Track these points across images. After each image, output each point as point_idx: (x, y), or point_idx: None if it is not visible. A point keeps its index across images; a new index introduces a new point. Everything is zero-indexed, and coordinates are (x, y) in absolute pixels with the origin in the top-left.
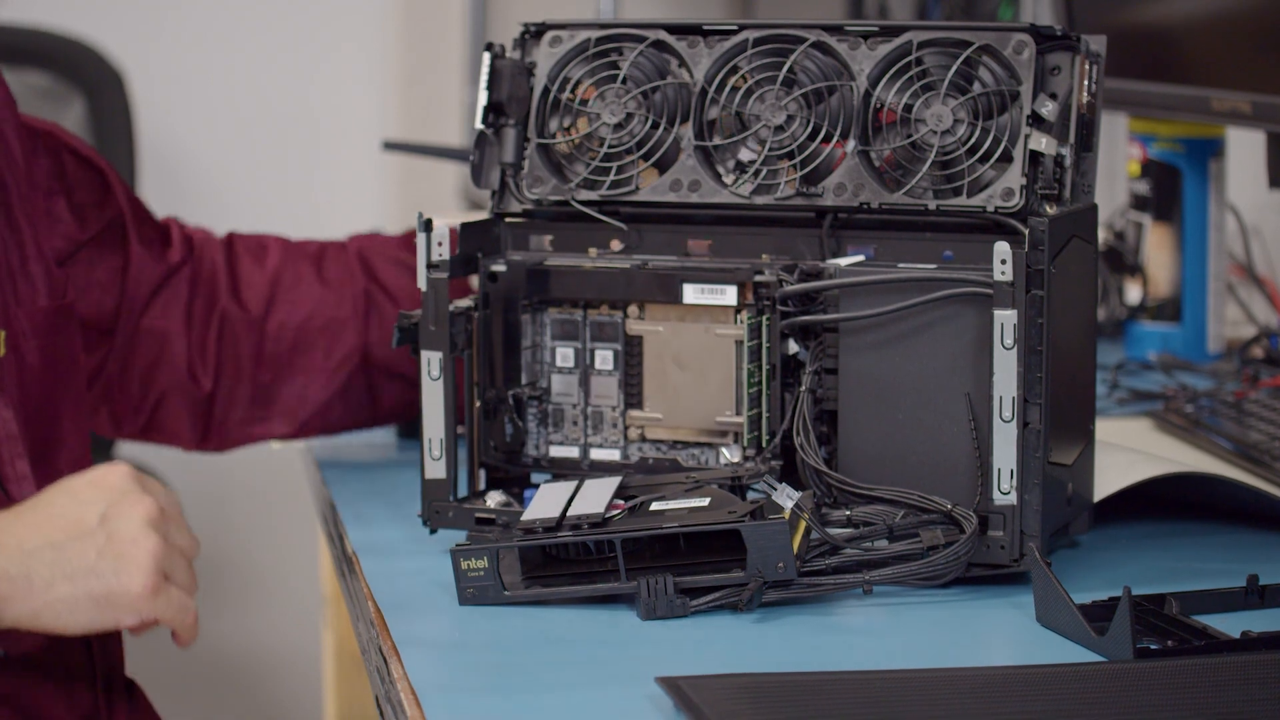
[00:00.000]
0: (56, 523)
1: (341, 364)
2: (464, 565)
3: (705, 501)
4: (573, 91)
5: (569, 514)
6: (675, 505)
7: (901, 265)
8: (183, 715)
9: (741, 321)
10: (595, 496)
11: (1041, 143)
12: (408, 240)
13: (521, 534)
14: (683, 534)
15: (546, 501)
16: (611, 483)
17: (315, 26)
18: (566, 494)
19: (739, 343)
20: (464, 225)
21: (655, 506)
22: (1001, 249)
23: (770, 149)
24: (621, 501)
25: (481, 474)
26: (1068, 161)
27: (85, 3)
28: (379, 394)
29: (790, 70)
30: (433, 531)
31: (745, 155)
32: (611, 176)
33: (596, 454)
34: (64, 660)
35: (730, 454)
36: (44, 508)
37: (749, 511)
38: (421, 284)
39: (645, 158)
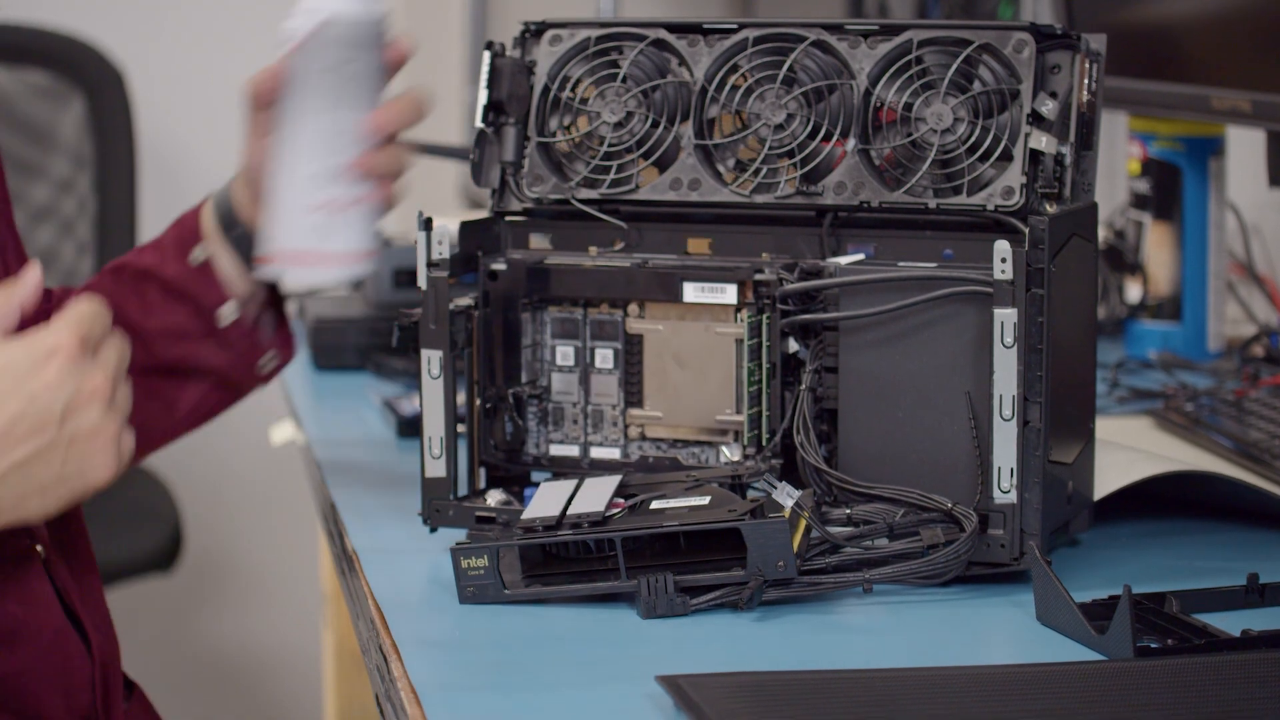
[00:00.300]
0: (18, 436)
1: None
2: (464, 564)
3: (705, 500)
4: (573, 90)
5: (569, 513)
6: (675, 504)
7: (902, 264)
8: (183, 714)
9: (742, 320)
10: (595, 495)
11: (1042, 141)
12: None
13: (522, 533)
14: (683, 532)
15: (546, 500)
16: (611, 481)
17: None
18: (566, 493)
19: (739, 341)
20: (464, 224)
21: (655, 505)
22: (1002, 248)
23: (770, 148)
24: (621, 500)
25: (482, 472)
26: (1068, 160)
27: (86, 2)
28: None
29: (790, 69)
30: (433, 530)
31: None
32: (612, 175)
33: (597, 452)
34: (62, 661)
35: (730, 452)
36: (0, 410)
37: (749, 510)
38: (421, 282)
39: (645, 156)
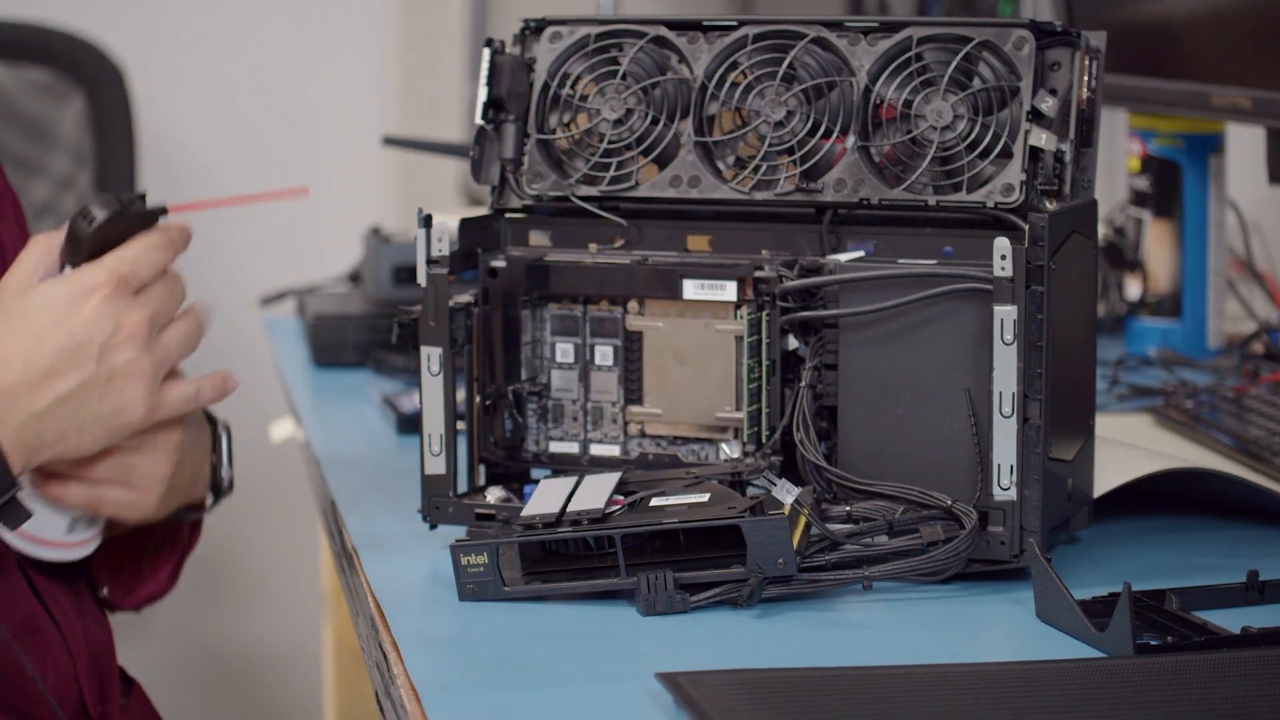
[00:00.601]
0: (57, 370)
1: None
2: (464, 561)
3: (705, 497)
4: (573, 87)
5: (569, 510)
6: (675, 501)
7: (901, 261)
8: (182, 712)
9: (741, 317)
10: (595, 492)
11: (1041, 138)
12: None
13: (521, 530)
14: (682, 529)
15: (546, 497)
16: (611, 478)
17: (315, 23)
18: (566, 490)
19: (739, 338)
20: (464, 221)
21: (655, 502)
22: (1001, 245)
23: (770, 145)
24: (621, 497)
25: (481, 469)
26: (1067, 157)
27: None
28: None
29: (790, 66)
30: (433, 527)
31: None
32: (611, 172)
33: (596, 449)
34: (54, 661)
35: (730, 449)
36: (41, 345)
37: (749, 507)
38: (421, 279)
39: (645, 153)
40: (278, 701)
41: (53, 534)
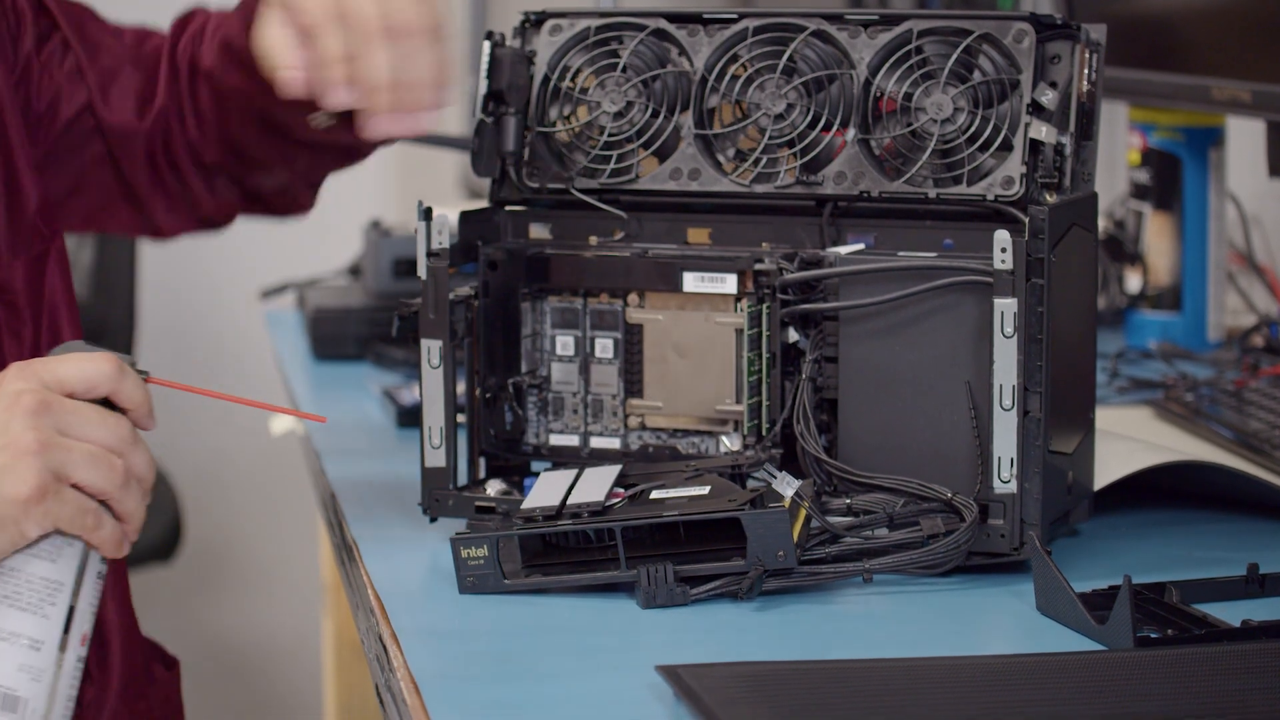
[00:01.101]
0: None
1: None
2: (464, 554)
3: (705, 490)
4: (573, 80)
5: (569, 502)
6: (675, 494)
7: (901, 254)
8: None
9: (741, 310)
10: (595, 485)
11: (1041, 131)
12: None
13: (521, 523)
14: (682, 522)
15: (546, 490)
16: (611, 471)
17: None
18: (566, 482)
19: (739, 331)
20: (464, 214)
21: (655, 495)
22: (1002, 237)
23: (770, 137)
24: (621, 490)
25: (481, 462)
26: (1068, 150)
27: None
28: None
29: (790, 59)
30: (433, 520)
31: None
32: (611, 165)
33: (596, 442)
34: None
35: (730, 442)
36: None
37: (749, 500)
38: (421, 272)
39: (645, 146)
40: (278, 693)
41: None
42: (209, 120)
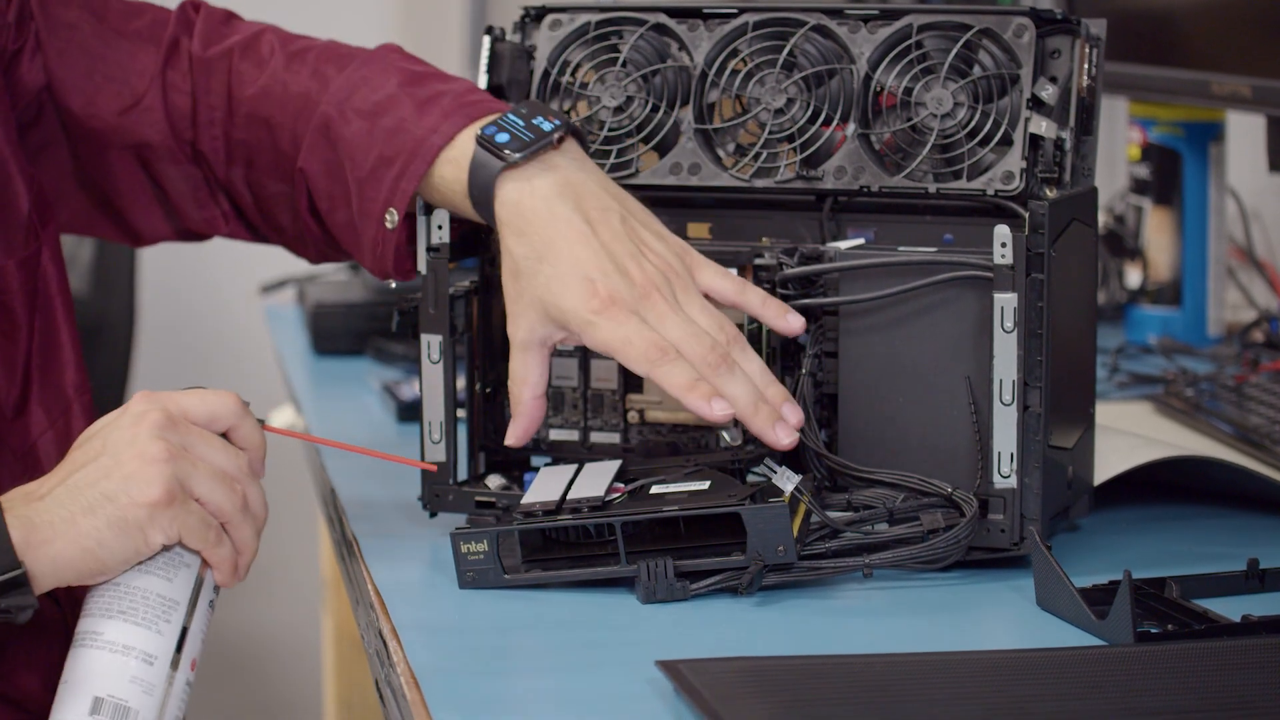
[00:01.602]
0: (71, 463)
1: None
2: (464, 549)
3: (705, 485)
4: (573, 75)
5: (569, 497)
6: (675, 488)
7: (901, 248)
8: None
9: None
10: (595, 480)
11: (1041, 126)
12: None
13: (521, 517)
14: (682, 517)
15: (546, 485)
16: (611, 466)
17: (315, 10)
18: (566, 477)
19: (739, 326)
20: None
21: (655, 490)
22: (1002, 232)
23: (770, 132)
24: (621, 485)
25: (481, 457)
26: (1068, 145)
27: None
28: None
29: (790, 54)
30: (433, 515)
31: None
32: (611, 159)
33: (596, 437)
34: (36, 632)
35: (730, 437)
36: (68, 457)
37: (749, 495)
38: (421, 267)
39: (645, 141)
40: (278, 689)
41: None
42: (246, 168)
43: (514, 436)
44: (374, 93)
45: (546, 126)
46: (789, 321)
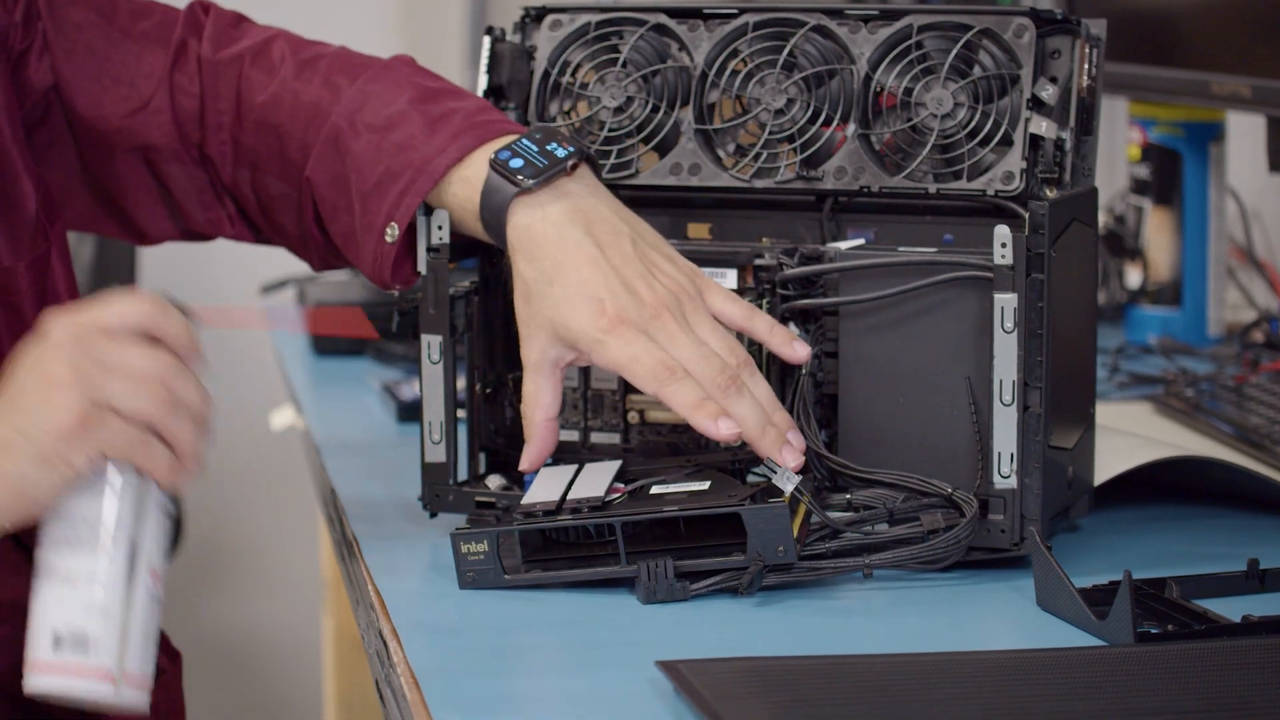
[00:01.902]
0: None
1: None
2: (464, 549)
3: (705, 485)
4: (573, 75)
5: (569, 497)
6: (675, 489)
7: (901, 249)
8: None
9: None
10: (595, 480)
11: (1042, 126)
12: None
13: (522, 518)
14: (683, 517)
15: (546, 485)
16: (611, 467)
17: (315, 10)
18: (566, 478)
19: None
20: None
21: (655, 490)
22: (1002, 232)
23: (770, 132)
24: (621, 485)
25: (481, 457)
26: (1068, 145)
27: None
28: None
29: (790, 54)
30: (433, 515)
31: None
32: (612, 160)
33: (596, 437)
34: (9, 583)
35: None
36: None
37: (749, 495)
38: (421, 267)
39: (645, 141)
40: (278, 689)
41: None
42: (252, 168)
43: (528, 461)
44: (385, 107)
45: (560, 153)
46: (795, 349)
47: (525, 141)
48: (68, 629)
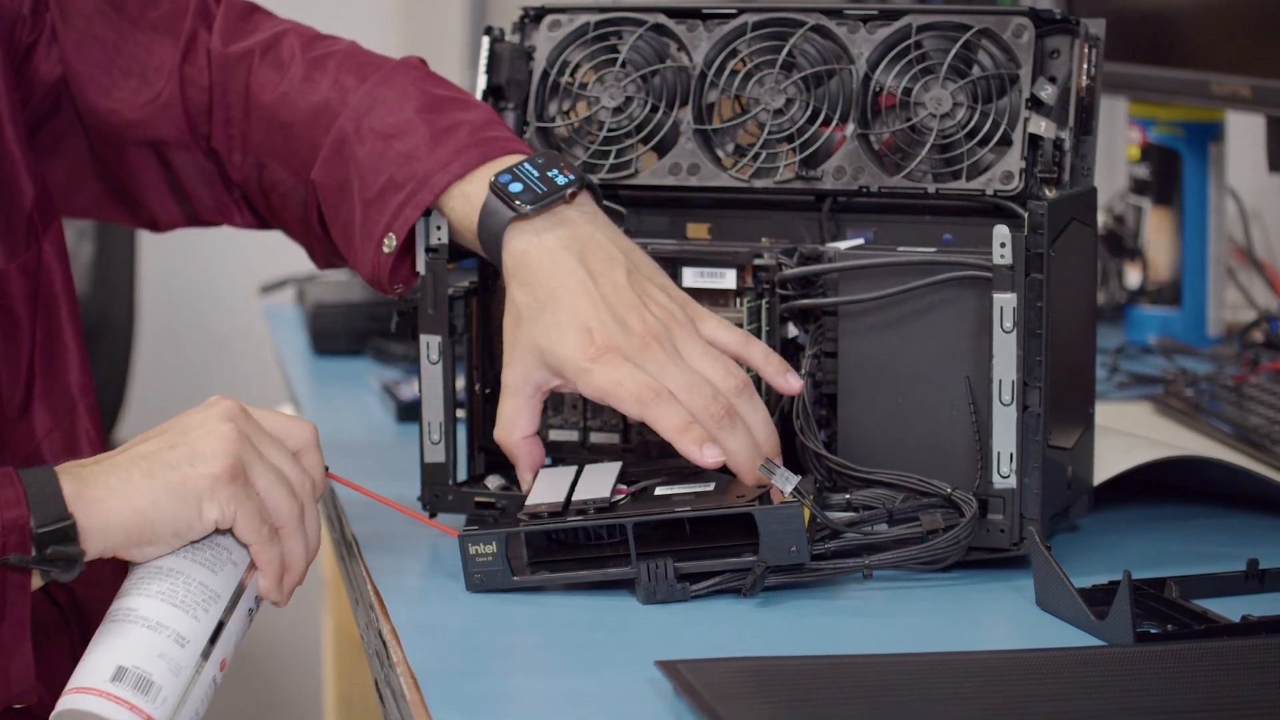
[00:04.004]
0: (136, 441)
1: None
2: (472, 550)
3: (710, 486)
4: (572, 75)
5: (574, 499)
6: (681, 490)
7: (901, 249)
8: None
9: (741, 305)
10: (598, 481)
11: (1041, 126)
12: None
13: (529, 519)
14: (692, 518)
15: (548, 486)
16: (612, 468)
17: (315, 10)
18: (568, 479)
19: (739, 326)
20: None
21: (660, 491)
22: (1001, 232)
23: (769, 132)
24: (625, 486)
25: (481, 457)
26: (1067, 145)
27: None
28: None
29: (789, 54)
30: (433, 515)
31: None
32: (611, 160)
33: (596, 437)
34: (35, 629)
35: None
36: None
37: (759, 495)
38: (420, 267)
39: (644, 141)
40: (278, 689)
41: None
42: (259, 163)
43: (524, 481)
44: (391, 114)
45: (561, 180)
46: (788, 381)
47: (527, 165)
48: (135, 668)
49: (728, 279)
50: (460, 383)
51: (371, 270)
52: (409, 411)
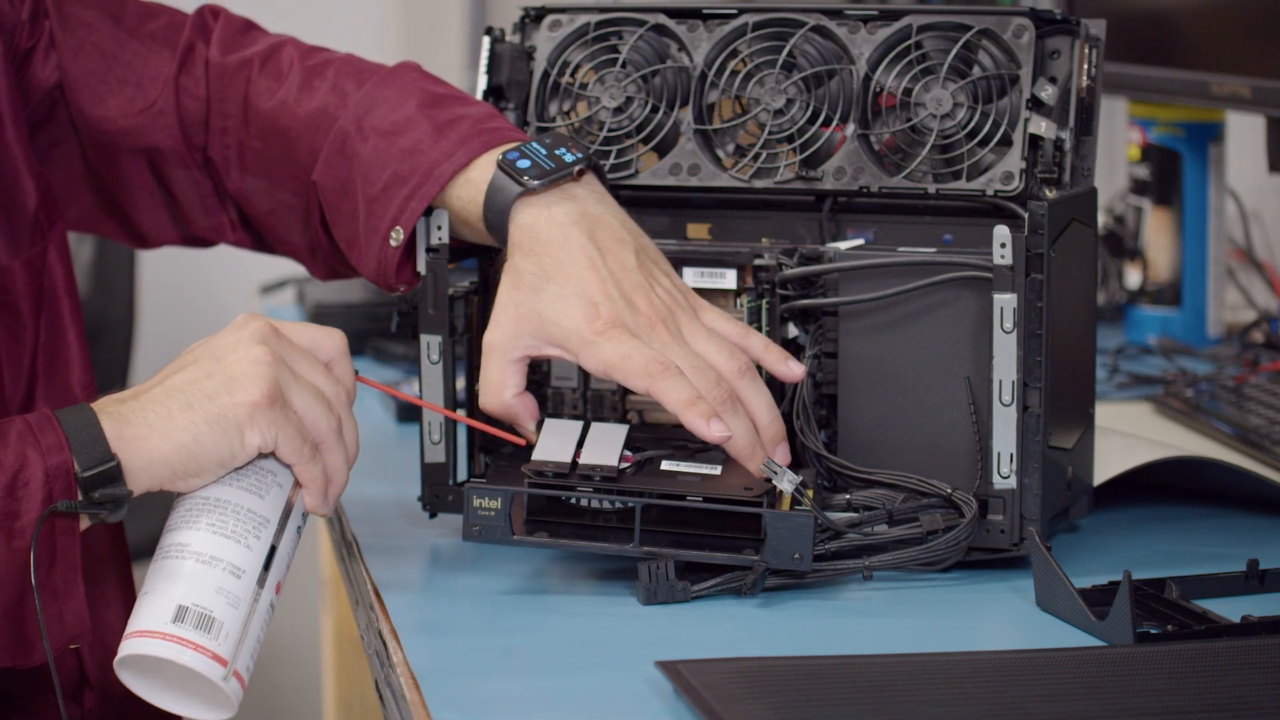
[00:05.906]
0: (169, 370)
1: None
2: (476, 503)
3: (717, 469)
4: (572, 75)
5: (580, 461)
6: (687, 468)
7: (901, 249)
8: None
9: (741, 305)
10: (605, 445)
11: (1041, 126)
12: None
13: (533, 475)
14: (702, 505)
15: (555, 441)
16: (620, 431)
17: (315, 10)
18: (574, 436)
19: None
20: None
21: (666, 466)
22: (1001, 233)
23: (770, 133)
24: (630, 453)
25: (481, 457)
26: (1067, 145)
27: None
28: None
29: (790, 54)
30: (433, 515)
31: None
32: (611, 160)
33: None
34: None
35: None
36: (166, 367)
37: (766, 490)
38: (421, 268)
39: (645, 141)
40: (278, 690)
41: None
42: (261, 175)
43: (529, 432)
44: (392, 112)
45: (568, 158)
46: (789, 368)
47: (534, 145)
48: (195, 606)
49: (728, 279)
50: (461, 383)
51: (377, 266)
52: (409, 411)
